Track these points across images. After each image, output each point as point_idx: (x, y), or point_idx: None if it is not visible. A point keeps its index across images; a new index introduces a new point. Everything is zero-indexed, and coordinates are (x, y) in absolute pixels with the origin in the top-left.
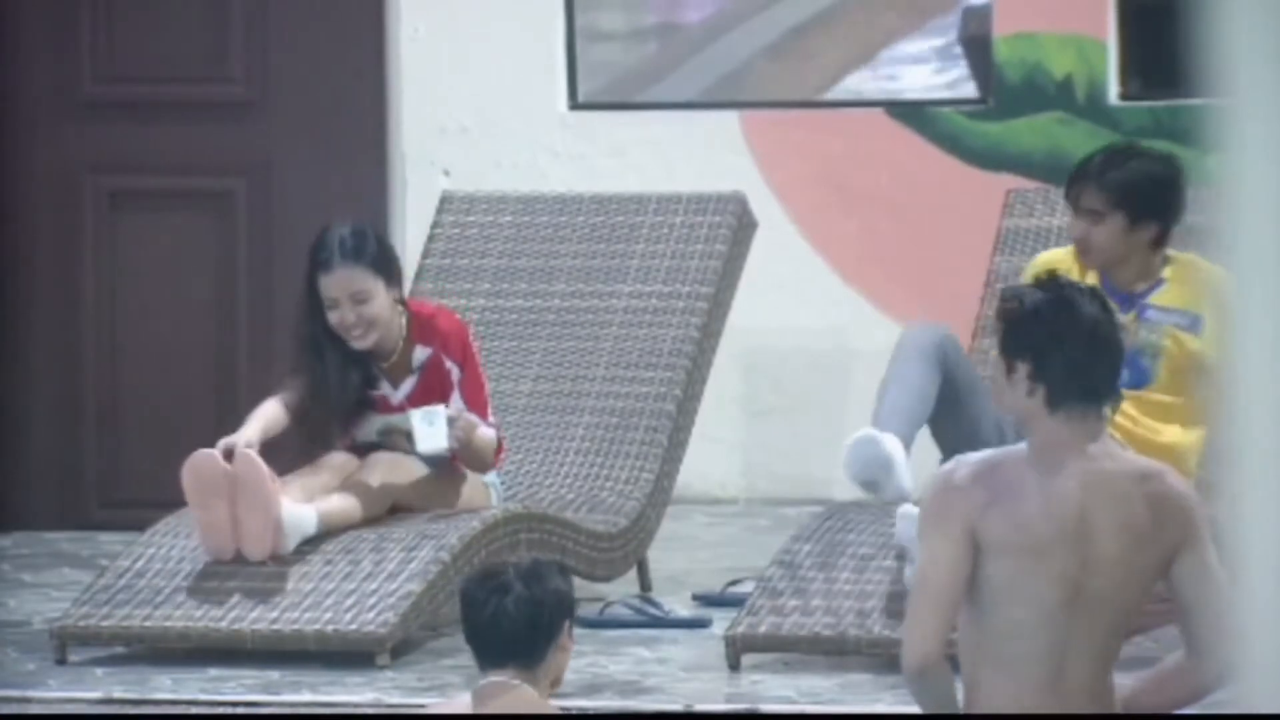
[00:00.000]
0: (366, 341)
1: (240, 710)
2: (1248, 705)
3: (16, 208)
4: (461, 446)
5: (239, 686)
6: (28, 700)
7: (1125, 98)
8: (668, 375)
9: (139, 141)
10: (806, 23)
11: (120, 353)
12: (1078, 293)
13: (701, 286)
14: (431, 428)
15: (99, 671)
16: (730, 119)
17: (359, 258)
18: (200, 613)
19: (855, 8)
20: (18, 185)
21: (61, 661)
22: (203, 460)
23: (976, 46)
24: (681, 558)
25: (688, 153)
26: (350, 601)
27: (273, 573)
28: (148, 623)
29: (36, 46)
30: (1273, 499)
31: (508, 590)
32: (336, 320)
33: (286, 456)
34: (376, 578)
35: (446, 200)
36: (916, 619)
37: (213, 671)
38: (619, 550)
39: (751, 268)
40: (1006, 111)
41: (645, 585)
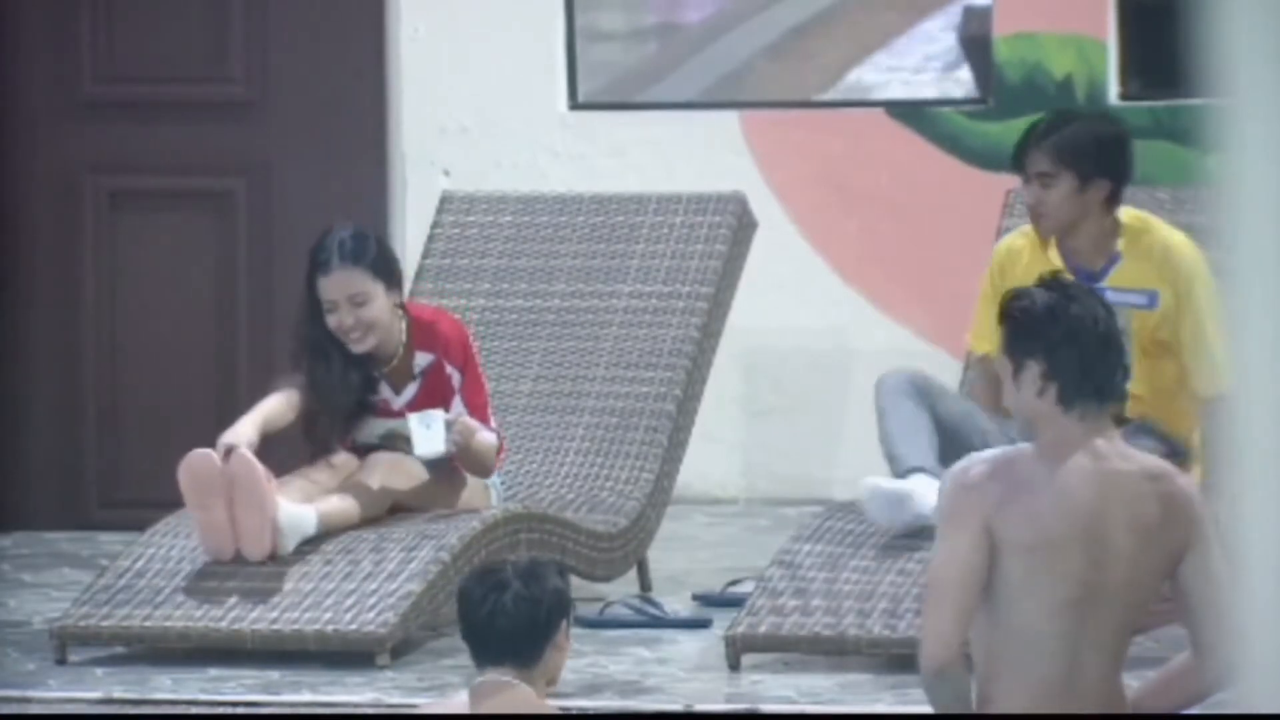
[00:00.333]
0: (365, 345)
1: (240, 710)
2: (1248, 705)
3: (16, 208)
4: (460, 450)
5: (239, 686)
6: (28, 700)
7: (1125, 98)
8: (668, 375)
9: (139, 141)
10: (806, 23)
11: (120, 353)
12: (1083, 292)
13: (701, 286)
14: (429, 431)
15: (99, 671)
16: (730, 119)
17: (358, 260)
18: (200, 613)
19: (855, 8)
20: (18, 185)
21: (61, 661)
22: (198, 460)
23: (976, 46)
24: (681, 558)
25: (688, 153)
26: (350, 601)
27: (273, 573)
28: (148, 623)
29: (36, 46)
30: (1273, 499)
31: (505, 588)
32: (335, 323)
33: (286, 456)
34: (376, 578)
35: (446, 200)
36: (934, 619)
37: (213, 671)
38: (619, 550)
39: (751, 268)
40: (1006, 111)
41: (645, 585)
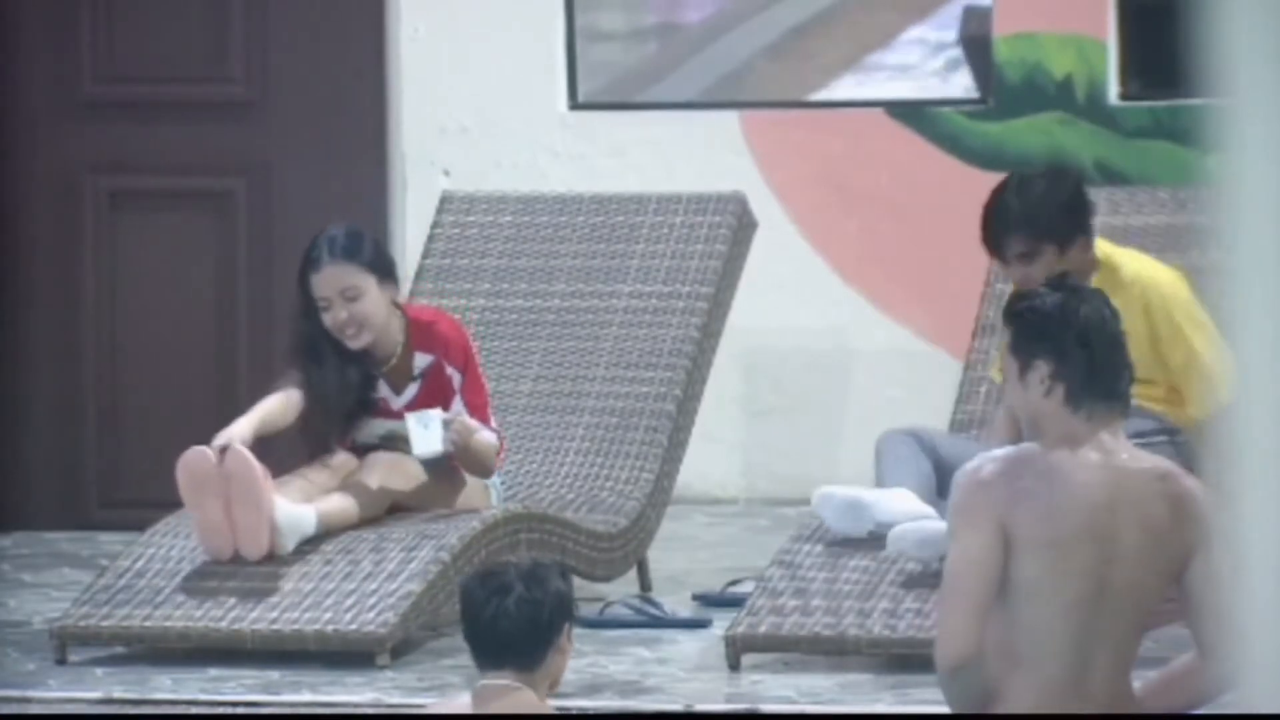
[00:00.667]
0: (360, 341)
1: (240, 710)
2: (1249, 705)
3: (16, 208)
4: (459, 450)
5: (239, 686)
6: (28, 700)
7: (1125, 98)
8: (668, 375)
9: (139, 141)
10: (806, 23)
11: (120, 353)
12: (1091, 293)
13: (701, 286)
14: (426, 431)
15: (99, 671)
16: (730, 119)
17: (348, 255)
18: (200, 613)
19: (855, 7)
20: (18, 185)
21: (61, 661)
22: (195, 458)
23: (976, 46)
24: (681, 558)
25: (688, 153)
26: (350, 601)
27: (273, 573)
28: (148, 623)
29: (36, 46)
30: (1273, 499)
31: (509, 592)
32: (330, 321)
33: (286, 456)
34: (376, 578)
35: (446, 200)
36: (951, 616)
37: (213, 671)
38: (619, 550)
39: (751, 268)
40: (1006, 111)
41: (645, 585)
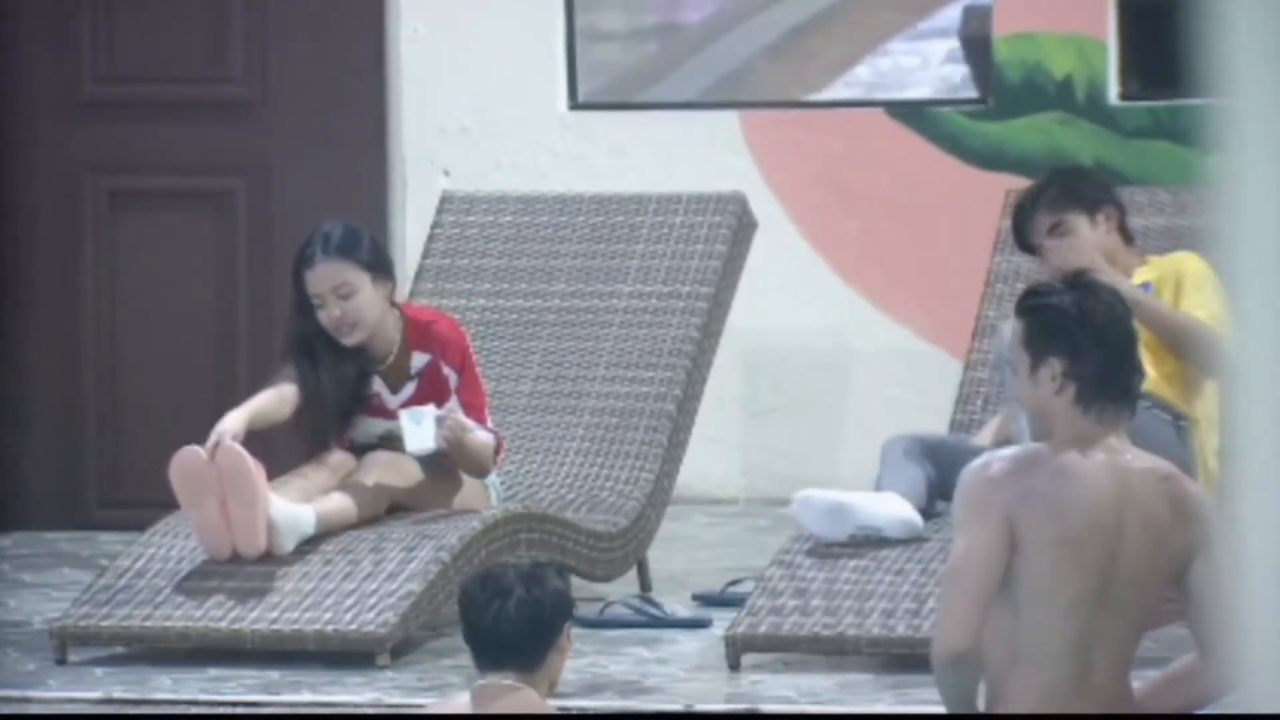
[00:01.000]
0: (353, 338)
1: (240, 710)
2: (1249, 705)
3: (16, 208)
4: (453, 448)
5: (239, 686)
6: (28, 700)
7: (1125, 98)
8: (668, 375)
9: (139, 141)
10: (806, 23)
11: (120, 353)
12: (1107, 292)
13: (701, 286)
14: (419, 427)
15: (99, 671)
16: (730, 119)
17: (341, 252)
18: (200, 613)
19: (855, 7)
20: (18, 185)
21: (61, 661)
22: (187, 457)
23: (976, 46)
24: (681, 558)
25: (688, 153)
26: (350, 601)
27: (272, 573)
28: (148, 623)
29: (36, 46)
30: (1273, 499)
31: (509, 594)
32: (325, 318)
33: (285, 456)
34: (376, 578)
35: (446, 200)
36: (952, 606)
37: (213, 671)
38: (619, 550)
39: (751, 268)
40: (1006, 111)
41: (645, 585)
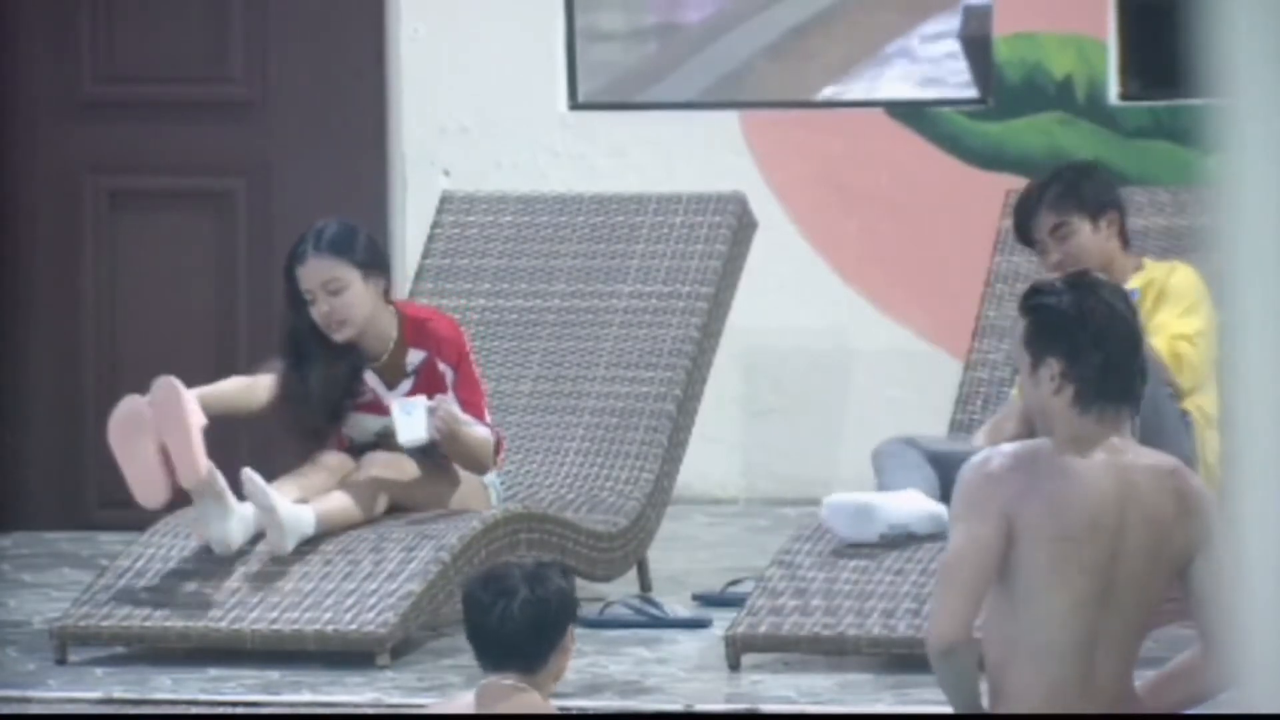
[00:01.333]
0: (343, 334)
1: (240, 710)
2: (1249, 705)
3: (16, 208)
4: (446, 440)
5: (239, 686)
6: (28, 700)
7: (1125, 98)
8: (668, 375)
9: (139, 141)
10: (806, 23)
11: (120, 353)
12: (1111, 293)
13: (701, 286)
14: (410, 418)
15: (99, 671)
16: (730, 119)
17: (332, 248)
18: (200, 613)
19: (855, 7)
20: (18, 185)
21: (61, 661)
22: (125, 403)
23: (976, 46)
24: (681, 558)
25: (688, 153)
26: (350, 601)
27: (273, 573)
28: (148, 623)
29: (36, 46)
30: (1273, 499)
31: (513, 594)
32: (316, 314)
33: (285, 457)
34: (376, 578)
35: (446, 200)
36: (946, 600)
37: (213, 671)
38: (619, 550)
39: (751, 268)
40: (1006, 111)
41: (645, 585)
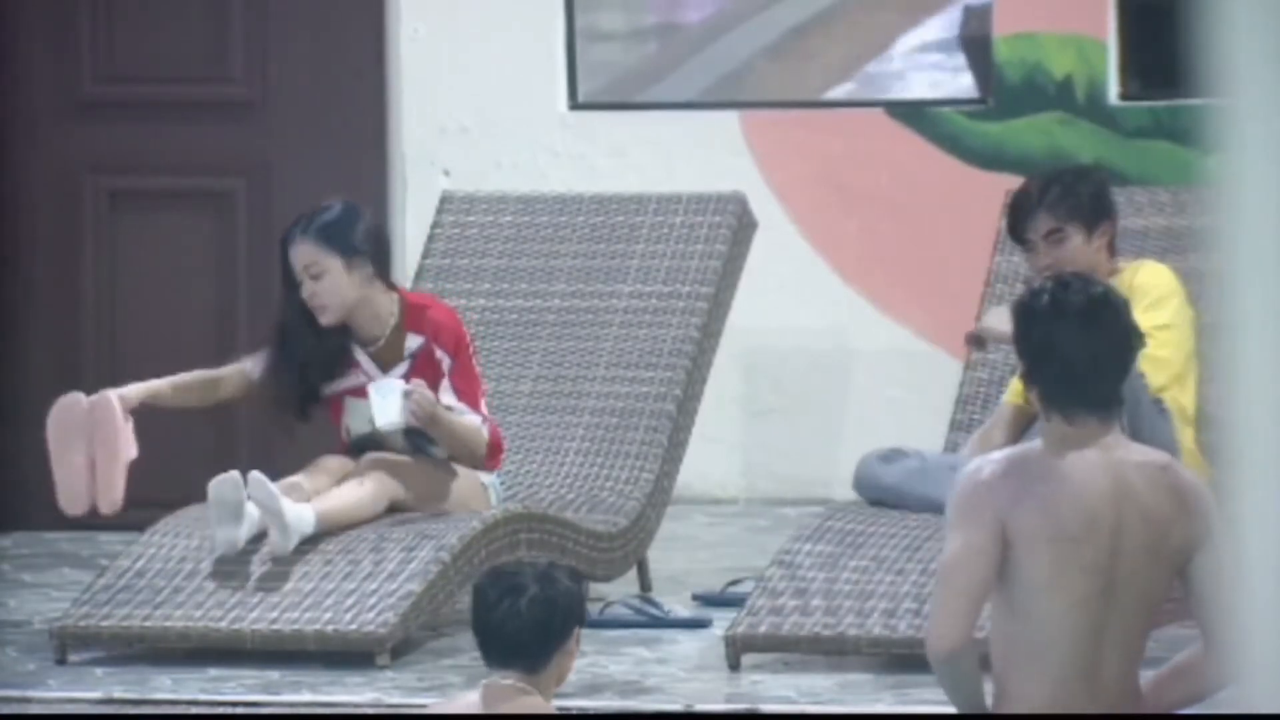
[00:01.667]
0: (325, 318)
1: (240, 710)
2: (1249, 705)
3: (16, 208)
4: (425, 425)
5: (239, 686)
6: (28, 700)
7: (1125, 98)
8: (668, 375)
9: (139, 141)
10: (806, 23)
11: (120, 353)
12: (1088, 302)
13: (701, 286)
14: (384, 401)
15: (99, 671)
16: (730, 119)
17: (316, 233)
18: (200, 613)
19: (855, 7)
20: (18, 185)
21: (61, 661)
22: (66, 402)
23: (976, 46)
24: (681, 558)
25: (688, 153)
26: (350, 601)
27: (273, 573)
28: (148, 623)
29: (36, 46)
30: (1273, 499)
31: (522, 592)
32: (304, 295)
33: (284, 457)
34: (376, 578)
35: (446, 200)
36: (945, 606)
37: (213, 671)
38: (619, 550)
39: (751, 268)
40: (1006, 111)
41: (645, 585)
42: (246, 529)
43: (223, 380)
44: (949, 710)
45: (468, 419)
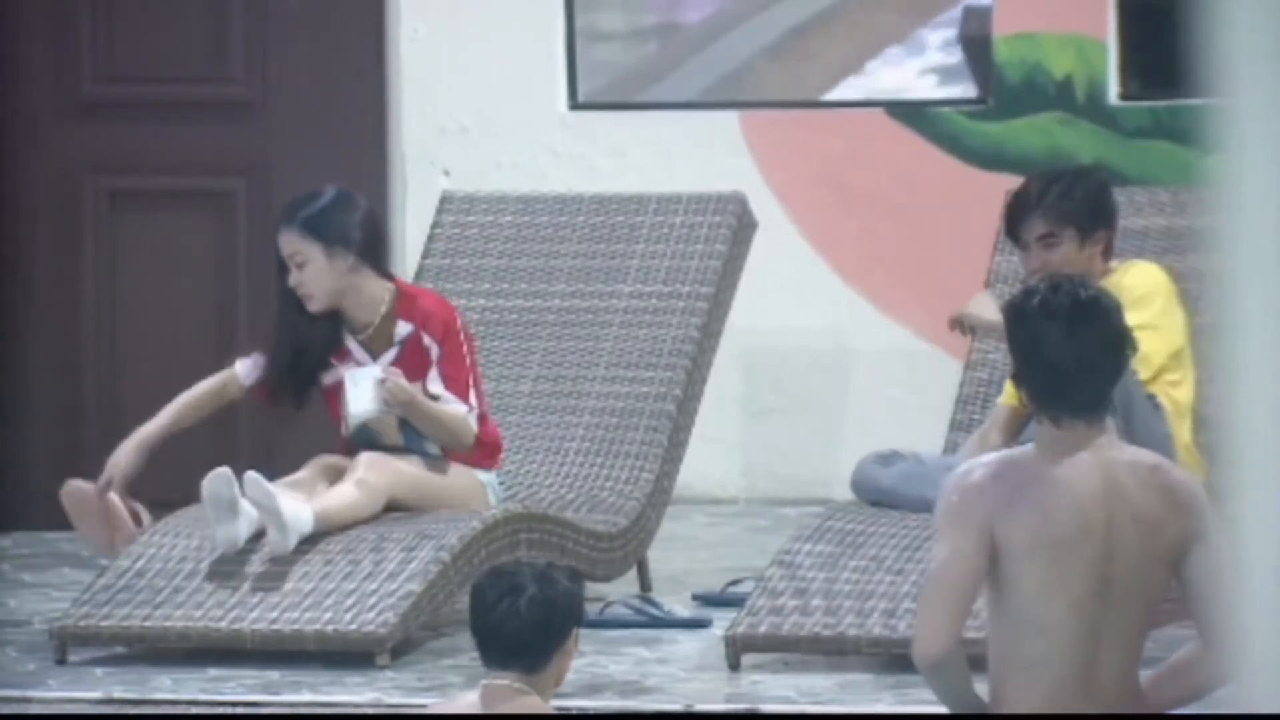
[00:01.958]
0: (313, 305)
1: (240, 710)
2: (1249, 705)
3: (16, 208)
4: (404, 412)
5: (239, 686)
6: (28, 700)
7: (1125, 98)
8: (668, 375)
9: (139, 141)
10: (806, 23)
11: (120, 353)
12: (1077, 306)
13: (701, 286)
14: (357, 389)
15: (99, 671)
16: (730, 119)
17: (300, 223)
18: (200, 613)
19: (855, 7)
20: (18, 185)
21: (61, 661)
22: (74, 492)
23: (976, 46)
24: (681, 558)
25: (688, 153)
26: (350, 601)
27: (273, 572)
28: (148, 623)
29: (36, 46)
30: (1273, 499)
31: (521, 592)
32: (290, 283)
33: (284, 457)
34: (376, 578)
35: (446, 200)
36: (931, 613)
37: (213, 671)
38: (619, 550)
39: (751, 268)
40: (1006, 111)
41: (645, 585)
42: (245, 526)
43: (216, 390)
44: (949, 710)
45: (451, 407)
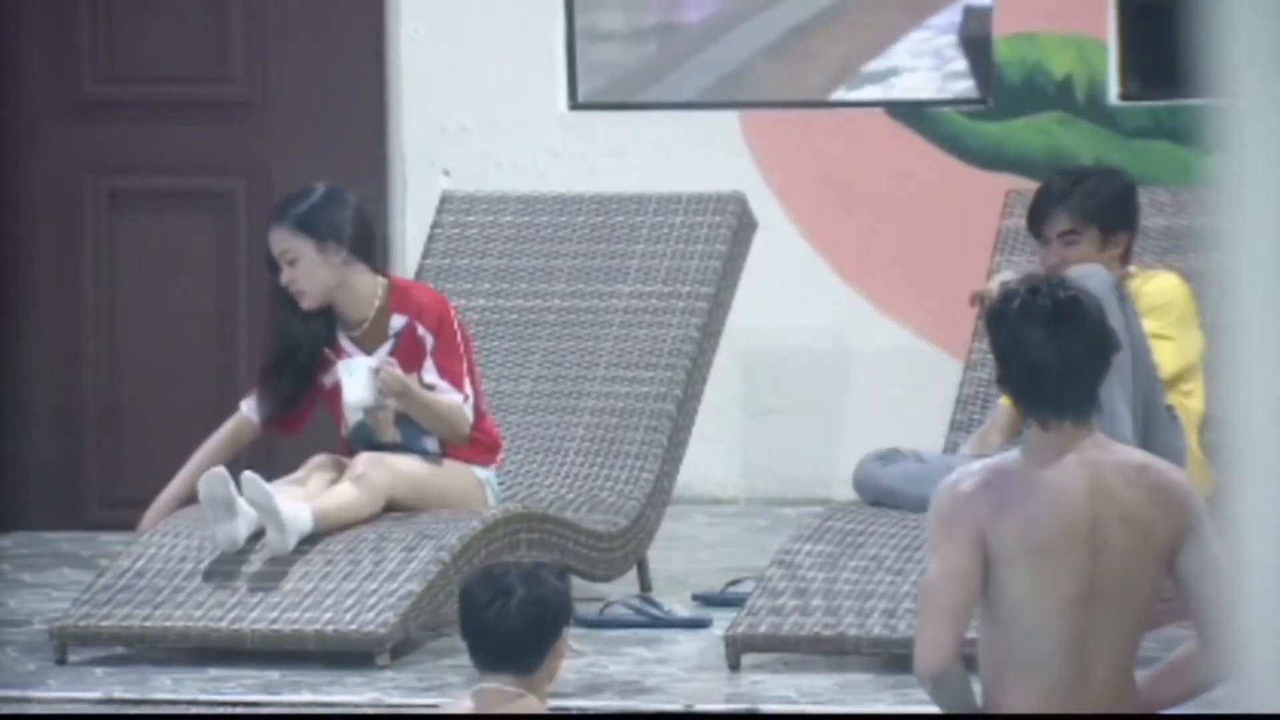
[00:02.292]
0: (305, 303)
1: (240, 710)
2: (1249, 705)
3: (16, 208)
4: (398, 401)
5: (239, 686)
6: (28, 700)
7: (1125, 98)
8: (668, 375)
9: (139, 141)
10: (806, 23)
11: (120, 353)
12: (1056, 306)
13: (701, 286)
14: (351, 379)
15: (99, 671)
16: (730, 119)
17: (291, 221)
18: (200, 613)
19: (855, 7)
20: (18, 185)
21: (61, 661)
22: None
23: (976, 46)
24: (681, 558)
25: (688, 153)
26: (350, 601)
27: (273, 572)
28: (148, 623)
29: (36, 46)
30: (1273, 499)
31: (511, 593)
32: (282, 280)
33: (283, 457)
34: (376, 578)
35: (446, 200)
36: (929, 626)
37: (213, 671)
38: (619, 550)
39: (751, 268)
40: (1006, 111)
41: (645, 585)
42: (245, 525)
43: (231, 439)
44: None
45: (447, 397)
